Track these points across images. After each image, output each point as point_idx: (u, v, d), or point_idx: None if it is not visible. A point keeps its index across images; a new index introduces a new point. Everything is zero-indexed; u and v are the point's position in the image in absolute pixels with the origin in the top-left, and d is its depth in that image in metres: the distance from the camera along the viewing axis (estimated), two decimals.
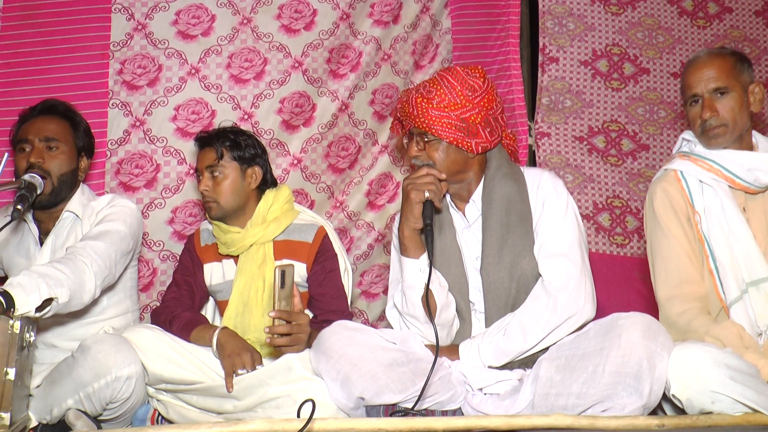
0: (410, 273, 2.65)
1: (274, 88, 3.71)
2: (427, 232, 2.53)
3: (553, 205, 2.69)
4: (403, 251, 2.66)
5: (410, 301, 2.65)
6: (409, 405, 2.45)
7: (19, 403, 2.36)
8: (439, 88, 2.67)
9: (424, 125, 2.65)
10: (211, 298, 3.23)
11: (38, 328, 2.48)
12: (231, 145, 3.08)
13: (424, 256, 2.62)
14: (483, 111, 2.66)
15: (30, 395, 2.65)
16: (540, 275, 2.64)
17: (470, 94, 2.66)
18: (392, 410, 2.46)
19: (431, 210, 2.55)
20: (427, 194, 2.55)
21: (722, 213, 2.70)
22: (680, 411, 2.36)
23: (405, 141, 2.79)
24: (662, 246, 2.76)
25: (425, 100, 2.66)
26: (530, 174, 2.79)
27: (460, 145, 2.65)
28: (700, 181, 2.76)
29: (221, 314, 3.10)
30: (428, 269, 2.52)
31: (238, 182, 3.07)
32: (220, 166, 3.04)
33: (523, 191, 2.72)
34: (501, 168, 2.73)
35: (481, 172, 2.75)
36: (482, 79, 2.70)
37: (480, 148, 2.67)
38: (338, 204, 3.86)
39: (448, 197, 2.80)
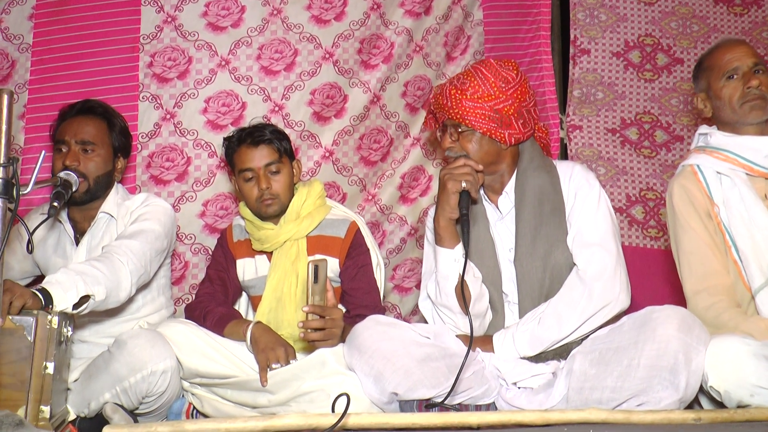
0: (445, 263, 2.65)
1: (305, 80, 3.70)
2: (464, 223, 2.54)
3: (585, 196, 2.70)
4: (438, 241, 2.66)
5: (444, 291, 2.66)
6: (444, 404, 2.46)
7: (58, 397, 2.40)
8: (472, 79, 2.70)
9: (458, 116, 2.67)
10: (244, 293, 3.24)
11: (74, 326, 2.50)
12: (285, 140, 3.12)
13: (459, 246, 2.63)
14: (516, 102, 2.68)
15: (68, 389, 2.68)
16: (572, 265, 2.65)
17: (503, 85, 2.68)
18: (426, 404, 2.47)
19: (468, 200, 2.56)
20: (464, 184, 2.56)
21: (741, 202, 2.69)
22: (717, 404, 2.36)
23: (439, 134, 2.81)
24: (684, 241, 2.76)
25: (459, 92, 2.69)
26: (562, 166, 2.81)
27: (493, 135, 2.67)
28: (717, 172, 2.76)
29: (254, 309, 3.11)
30: (463, 259, 2.53)
31: (291, 177, 3.11)
32: (280, 163, 3.06)
33: (555, 183, 2.74)
34: (533, 160, 2.76)
35: (513, 164, 2.77)
36: (515, 72, 2.73)
37: (513, 139, 2.69)
38: (370, 197, 3.85)
39: (480, 189, 2.80)
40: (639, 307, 2.50)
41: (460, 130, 2.69)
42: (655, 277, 3.88)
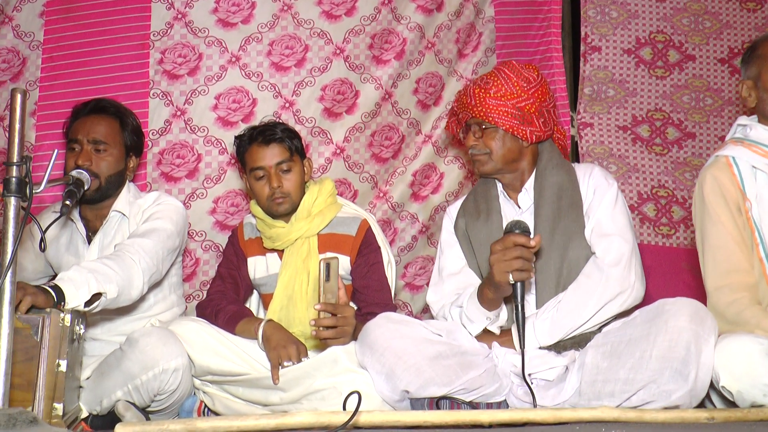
0: (475, 314, 2.64)
1: (316, 76, 3.69)
2: (517, 315, 2.42)
3: (604, 193, 2.75)
4: (480, 299, 2.60)
5: (467, 328, 2.68)
6: (455, 397, 2.47)
7: (71, 394, 2.41)
8: (496, 79, 2.80)
9: (482, 114, 2.76)
10: (255, 291, 3.25)
11: (86, 324, 2.51)
12: (297, 139, 3.12)
13: (496, 312, 2.62)
14: (537, 102, 2.78)
15: (80, 387, 2.70)
16: (589, 258, 2.68)
17: (525, 84, 2.78)
18: (437, 402, 2.47)
19: (523, 289, 2.42)
20: (511, 279, 2.41)
21: None
22: (731, 404, 2.34)
23: (461, 134, 2.90)
24: (711, 234, 2.68)
25: (483, 90, 2.78)
26: (581, 167, 2.88)
27: (515, 132, 2.75)
28: (753, 166, 2.66)
29: (265, 307, 3.12)
30: (495, 320, 2.61)
31: (302, 176, 3.12)
32: (291, 162, 3.06)
33: (573, 180, 2.80)
34: (552, 159, 2.83)
35: (533, 162, 2.84)
36: (536, 74, 2.84)
37: (534, 136, 2.77)
38: (382, 194, 3.85)
39: (499, 186, 2.89)
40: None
41: (483, 127, 2.77)
42: (667, 275, 3.86)
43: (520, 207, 2.83)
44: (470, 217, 2.87)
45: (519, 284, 2.41)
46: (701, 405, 2.36)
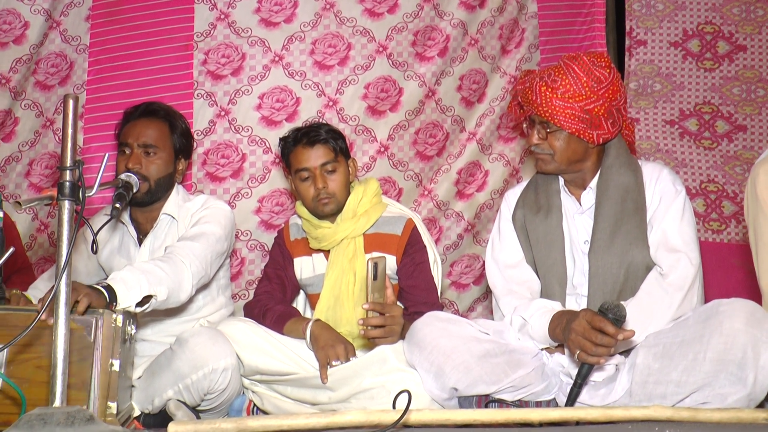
0: (539, 336, 2.58)
1: (359, 74, 3.69)
2: (573, 389, 2.40)
3: (671, 200, 2.65)
4: (550, 327, 2.54)
5: (523, 338, 2.64)
6: (503, 396, 2.47)
7: (124, 393, 2.45)
8: (564, 77, 2.63)
9: (547, 115, 2.63)
10: (301, 291, 3.26)
11: (137, 325, 2.54)
12: (341, 140, 3.13)
13: (558, 355, 2.60)
14: (607, 102, 2.63)
15: (132, 386, 2.74)
16: (648, 265, 2.60)
17: (596, 85, 2.62)
18: (485, 401, 2.46)
19: (589, 370, 2.39)
20: (576, 357, 2.38)
21: None
22: None
23: (525, 126, 2.78)
24: (765, 232, 2.61)
25: (550, 90, 2.63)
26: (648, 167, 2.75)
27: (581, 136, 2.63)
28: None
29: (312, 307, 3.13)
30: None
31: (347, 176, 3.12)
32: (336, 162, 3.07)
33: (639, 182, 2.69)
34: (619, 157, 2.71)
35: (599, 161, 2.74)
36: (608, 70, 2.66)
37: (601, 139, 2.66)
38: (426, 192, 3.84)
39: (561, 181, 2.79)
40: (702, 302, 2.46)
41: (549, 129, 2.66)
42: (718, 272, 3.80)
43: (581, 205, 2.75)
44: (529, 210, 2.81)
45: (585, 365, 2.36)
46: (759, 405, 2.32)
